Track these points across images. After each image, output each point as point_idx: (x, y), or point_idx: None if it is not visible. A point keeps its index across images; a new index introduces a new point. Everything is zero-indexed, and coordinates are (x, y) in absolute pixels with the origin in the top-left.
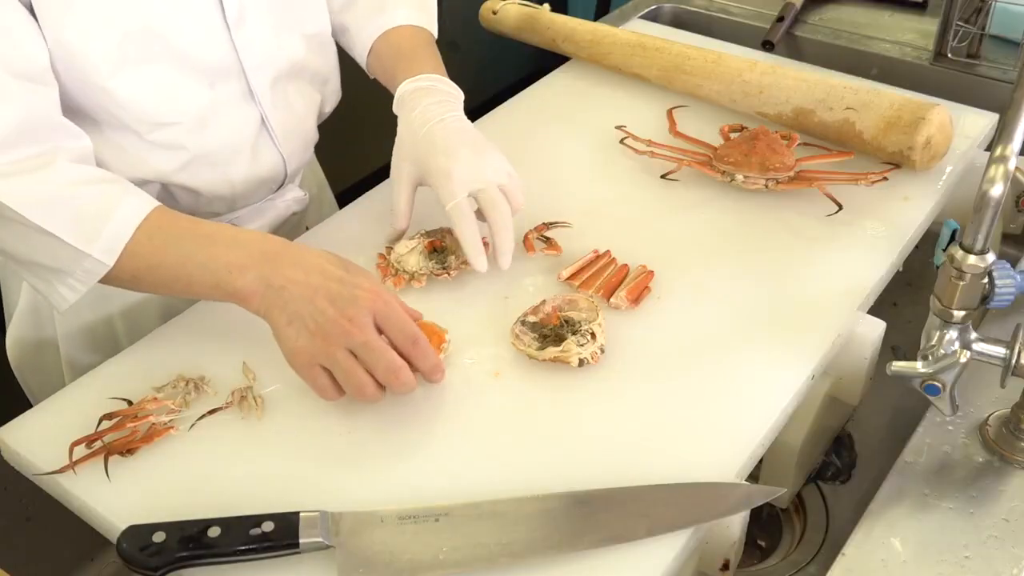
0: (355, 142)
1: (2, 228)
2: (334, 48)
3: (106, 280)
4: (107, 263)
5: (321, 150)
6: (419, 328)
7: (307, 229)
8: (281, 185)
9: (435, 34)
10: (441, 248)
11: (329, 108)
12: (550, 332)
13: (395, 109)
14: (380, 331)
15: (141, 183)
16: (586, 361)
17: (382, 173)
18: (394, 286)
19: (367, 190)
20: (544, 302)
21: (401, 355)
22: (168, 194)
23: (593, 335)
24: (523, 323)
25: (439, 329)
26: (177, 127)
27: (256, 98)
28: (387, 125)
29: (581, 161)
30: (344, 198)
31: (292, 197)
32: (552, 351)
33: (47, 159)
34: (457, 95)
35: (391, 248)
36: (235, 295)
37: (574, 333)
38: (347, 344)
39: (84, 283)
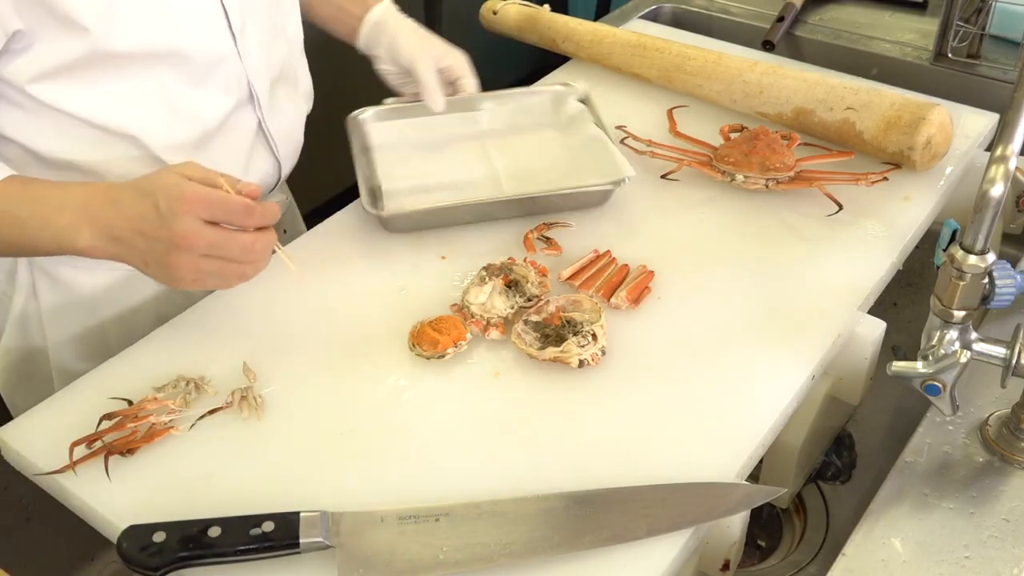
0: (320, 160)
1: None
2: (303, 52)
3: None
4: None
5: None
6: (253, 201)
7: (284, 232)
8: (271, 191)
9: None
10: (513, 282)
11: (309, 108)
12: (552, 332)
13: (374, 27)
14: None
15: None
16: (586, 362)
17: (348, 195)
18: (483, 334)
19: (335, 210)
20: (548, 302)
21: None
22: None
23: (594, 336)
24: (526, 322)
25: (461, 324)
26: (187, 140)
27: (256, 102)
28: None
29: None
30: (310, 219)
31: (277, 200)
32: (552, 351)
33: None
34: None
35: (464, 303)
36: (82, 254)
37: (575, 334)
38: (198, 255)
39: None
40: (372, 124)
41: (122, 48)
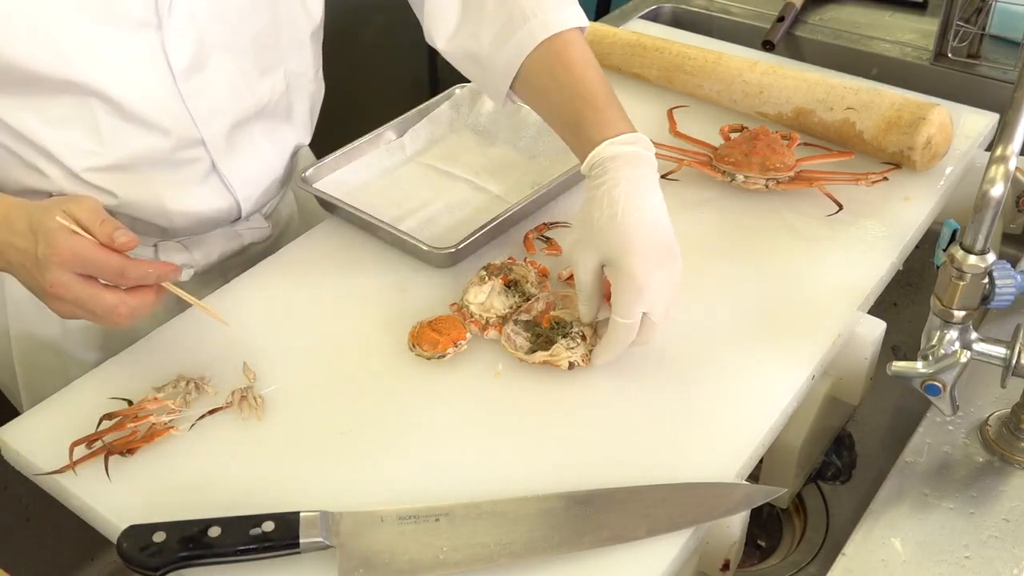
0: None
1: None
2: (320, 84)
3: None
4: None
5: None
6: (129, 262)
7: None
8: (236, 221)
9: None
10: (513, 282)
11: (306, 141)
12: (543, 332)
13: (584, 170)
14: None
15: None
16: (576, 364)
17: None
18: (482, 333)
19: None
20: (537, 299)
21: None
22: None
23: (584, 337)
24: (516, 322)
25: (461, 324)
26: (106, 170)
27: (206, 144)
28: None
29: None
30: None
31: (249, 228)
32: (541, 355)
33: None
34: (654, 162)
35: (463, 302)
36: None
37: (564, 336)
38: (68, 302)
39: None
40: (319, 183)
41: (32, 69)
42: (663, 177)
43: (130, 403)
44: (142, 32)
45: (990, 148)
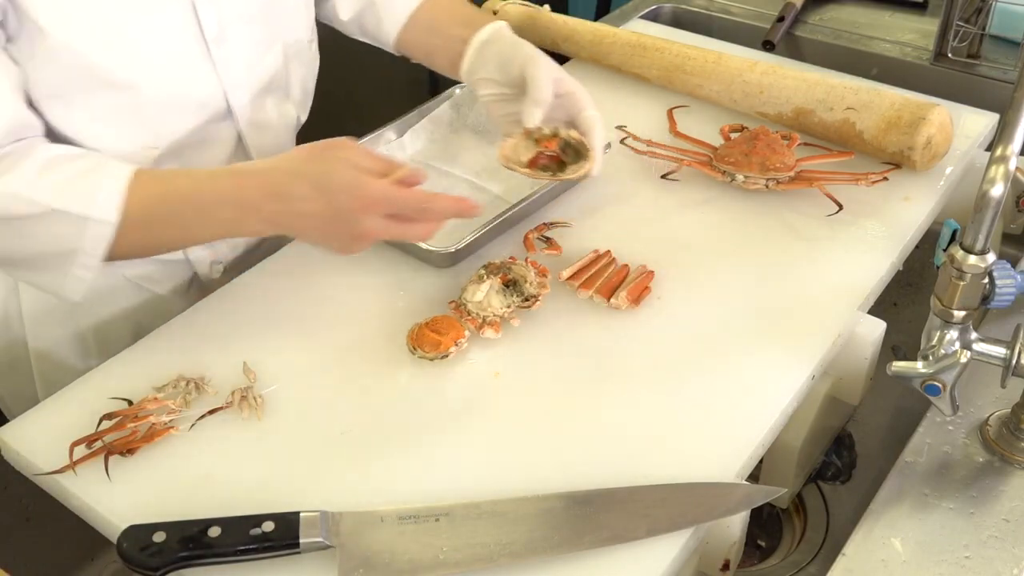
0: None
1: None
2: (314, 54)
3: (116, 250)
4: (111, 220)
5: None
6: (429, 196)
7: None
8: None
9: None
10: (512, 281)
11: (303, 118)
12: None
13: (488, 33)
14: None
15: None
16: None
17: None
18: (478, 331)
19: None
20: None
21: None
22: None
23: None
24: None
25: (458, 323)
26: (151, 151)
27: (234, 116)
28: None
29: None
30: None
31: None
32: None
33: (28, 148)
34: None
35: (461, 300)
36: (252, 235)
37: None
38: (377, 239)
39: (94, 255)
40: None
41: (76, 52)
42: (663, 177)
43: (130, 403)
44: (176, 1)
45: (990, 148)
